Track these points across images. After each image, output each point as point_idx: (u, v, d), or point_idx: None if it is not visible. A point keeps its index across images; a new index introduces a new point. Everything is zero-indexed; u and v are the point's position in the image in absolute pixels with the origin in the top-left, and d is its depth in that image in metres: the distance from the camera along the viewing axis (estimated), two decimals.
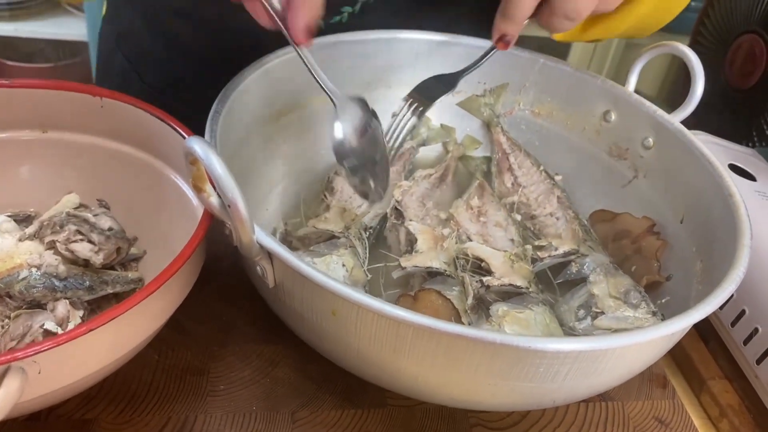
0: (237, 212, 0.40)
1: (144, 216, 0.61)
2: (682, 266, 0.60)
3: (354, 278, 0.56)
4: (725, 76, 1.00)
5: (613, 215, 0.68)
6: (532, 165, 0.73)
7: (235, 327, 0.58)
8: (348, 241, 0.59)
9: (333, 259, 0.55)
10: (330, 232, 0.60)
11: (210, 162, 0.39)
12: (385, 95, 0.73)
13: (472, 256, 0.60)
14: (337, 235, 0.59)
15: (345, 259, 0.56)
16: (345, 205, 0.65)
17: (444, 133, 0.77)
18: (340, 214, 0.63)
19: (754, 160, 0.76)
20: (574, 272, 0.61)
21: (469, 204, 0.68)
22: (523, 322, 0.54)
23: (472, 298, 0.56)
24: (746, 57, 0.96)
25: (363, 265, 0.59)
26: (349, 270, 0.55)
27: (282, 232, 0.61)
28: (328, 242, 0.59)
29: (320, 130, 0.70)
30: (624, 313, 0.56)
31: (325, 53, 0.68)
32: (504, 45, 0.57)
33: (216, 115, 0.53)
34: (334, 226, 0.60)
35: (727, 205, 0.56)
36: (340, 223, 0.61)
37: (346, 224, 0.62)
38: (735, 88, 0.98)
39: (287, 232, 0.61)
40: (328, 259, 0.55)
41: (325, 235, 0.60)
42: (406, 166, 0.73)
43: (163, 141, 0.58)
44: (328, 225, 0.61)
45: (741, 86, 0.97)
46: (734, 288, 0.47)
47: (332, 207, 0.64)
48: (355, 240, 0.60)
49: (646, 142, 0.67)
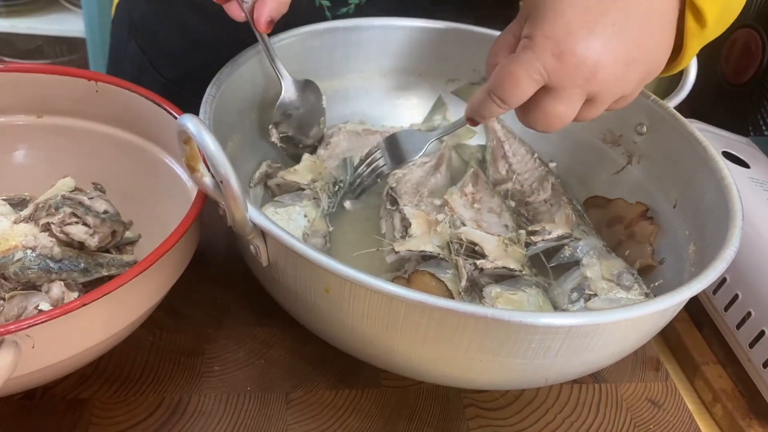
0: (229, 189, 0.40)
1: (139, 200, 0.61)
2: (675, 250, 0.60)
3: (314, 228, 0.58)
4: (721, 71, 1.00)
5: (607, 201, 0.68)
6: (527, 153, 0.73)
7: (229, 310, 0.58)
8: (313, 192, 0.61)
9: (296, 209, 0.58)
10: (297, 184, 0.62)
11: (202, 139, 0.39)
12: (379, 84, 0.74)
13: (466, 240, 0.61)
14: (302, 187, 0.62)
15: (307, 210, 0.59)
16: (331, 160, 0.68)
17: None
18: (310, 167, 0.65)
19: (748, 148, 0.77)
20: (567, 255, 0.61)
21: (464, 191, 0.69)
22: (515, 303, 0.54)
23: (465, 281, 0.56)
24: (742, 52, 0.97)
25: (325, 216, 0.61)
26: (311, 221, 0.58)
27: (262, 173, 0.64)
28: (294, 193, 0.61)
29: None
30: (617, 295, 0.56)
31: (319, 41, 0.68)
32: (473, 123, 0.56)
33: (210, 98, 0.53)
34: (300, 179, 0.63)
35: (720, 188, 0.56)
36: (307, 175, 0.64)
37: (313, 177, 0.64)
38: (731, 83, 0.98)
39: (267, 175, 0.65)
40: (290, 210, 0.58)
41: (294, 186, 0.63)
42: (442, 170, 0.72)
43: (158, 125, 0.58)
44: (295, 177, 0.63)
45: (737, 81, 0.98)
46: (725, 266, 0.47)
47: (303, 159, 0.66)
48: (321, 192, 0.62)
49: (639, 128, 0.68)
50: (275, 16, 0.56)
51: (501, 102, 0.50)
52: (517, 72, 0.48)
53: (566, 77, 0.47)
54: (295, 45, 0.66)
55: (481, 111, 0.53)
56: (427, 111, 0.77)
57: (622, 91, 0.50)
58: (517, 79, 0.48)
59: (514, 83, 0.48)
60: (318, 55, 0.69)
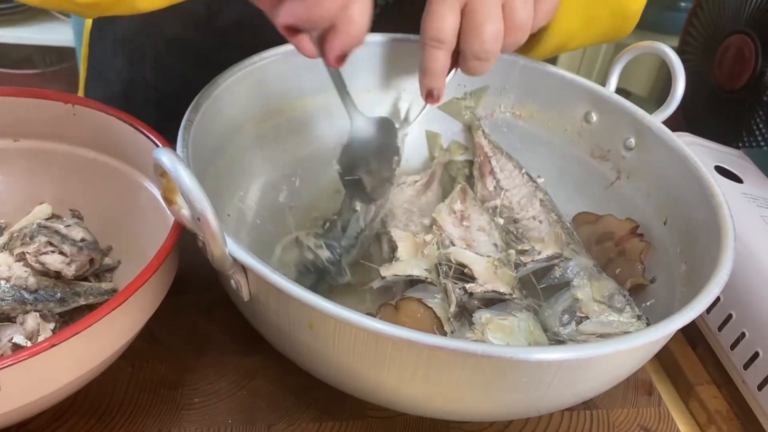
0: (207, 225, 0.38)
1: (118, 225, 0.60)
2: (666, 269, 0.59)
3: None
4: (714, 78, 1.00)
5: (596, 217, 0.67)
6: (514, 168, 0.72)
7: (211, 338, 0.57)
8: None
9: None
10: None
11: (178, 174, 0.37)
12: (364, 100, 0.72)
13: (455, 261, 0.59)
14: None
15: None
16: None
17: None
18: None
19: (741, 162, 0.76)
20: (557, 276, 0.60)
21: (452, 208, 0.67)
22: (506, 329, 0.53)
23: (454, 306, 0.55)
24: (735, 58, 0.96)
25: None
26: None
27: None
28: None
29: (302, 135, 0.69)
30: (608, 318, 0.55)
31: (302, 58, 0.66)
32: (433, 99, 0.58)
33: (188, 124, 0.52)
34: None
35: (710, 206, 0.55)
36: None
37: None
38: (724, 90, 0.98)
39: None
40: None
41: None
42: (433, 187, 0.72)
43: (137, 148, 0.57)
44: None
45: (730, 87, 0.97)
46: (718, 291, 0.46)
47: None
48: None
49: (628, 143, 0.67)
50: (347, 49, 0.48)
51: (437, 42, 0.55)
52: (435, 8, 0.54)
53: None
54: (277, 63, 0.64)
55: (427, 66, 0.56)
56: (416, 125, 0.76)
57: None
58: (438, 13, 0.53)
59: (437, 17, 0.54)
60: (302, 73, 0.67)
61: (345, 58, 0.49)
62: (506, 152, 0.73)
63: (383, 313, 0.52)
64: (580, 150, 0.71)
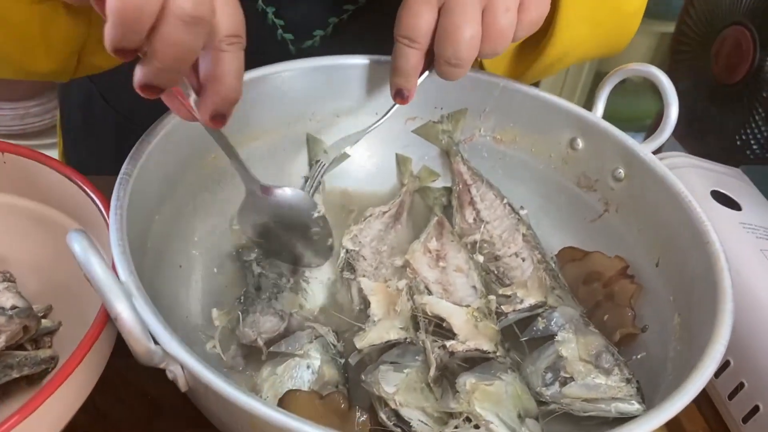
0: (122, 326, 0.33)
1: (58, 282, 0.54)
2: (658, 317, 0.55)
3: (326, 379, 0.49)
4: (711, 71, 0.95)
5: (584, 254, 0.62)
6: (496, 197, 0.67)
7: (162, 408, 0.52)
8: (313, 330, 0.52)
9: (295, 362, 0.49)
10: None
11: (89, 266, 0.32)
12: (334, 123, 0.67)
13: (431, 313, 0.55)
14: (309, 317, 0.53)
15: (311, 358, 0.49)
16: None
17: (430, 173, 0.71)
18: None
19: (739, 184, 0.71)
20: (540, 329, 0.55)
21: (427, 246, 0.62)
22: (493, 396, 0.48)
23: (435, 369, 0.50)
24: (732, 50, 0.91)
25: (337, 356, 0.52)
26: (316, 371, 0.49)
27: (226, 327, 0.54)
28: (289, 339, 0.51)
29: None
30: (595, 380, 0.50)
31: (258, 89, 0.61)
32: (402, 99, 0.57)
33: (125, 178, 0.46)
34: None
35: (706, 254, 0.50)
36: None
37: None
38: (722, 83, 0.93)
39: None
40: (291, 365, 0.49)
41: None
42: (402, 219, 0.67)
43: (72, 198, 0.52)
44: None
45: (727, 81, 0.92)
46: (715, 367, 0.41)
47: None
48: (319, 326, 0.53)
49: (616, 174, 0.62)
50: (221, 109, 0.43)
51: (410, 41, 0.53)
52: (412, 3, 0.52)
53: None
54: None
55: (398, 64, 0.54)
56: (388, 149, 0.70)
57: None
58: (414, 9, 0.52)
59: (413, 14, 0.52)
60: (262, 100, 0.62)
61: (223, 118, 0.43)
62: (486, 180, 0.68)
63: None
64: (565, 178, 0.66)
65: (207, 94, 0.42)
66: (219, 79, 0.42)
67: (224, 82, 0.42)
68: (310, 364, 0.49)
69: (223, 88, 0.42)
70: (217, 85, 0.42)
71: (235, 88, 0.43)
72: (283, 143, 0.66)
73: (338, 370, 0.50)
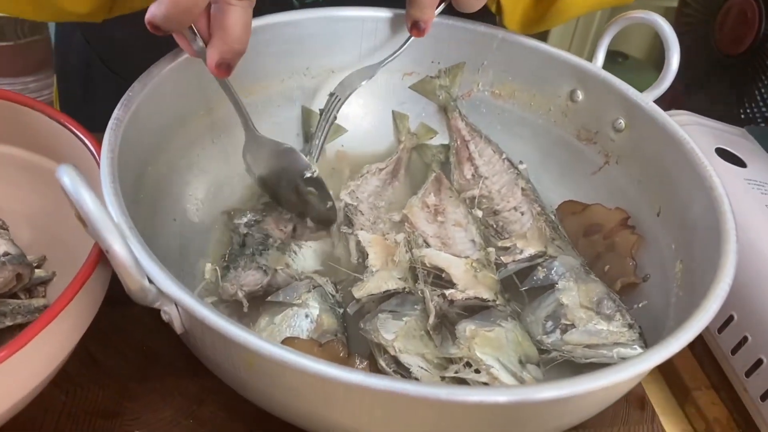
0: (115, 258, 0.32)
1: (52, 233, 0.53)
2: (660, 266, 0.54)
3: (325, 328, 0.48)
4: (715, 41, 0.93)
5: (583, 207, 0.61)
6: (494, 153, 0.66)
7: (157, 357, 0.51)
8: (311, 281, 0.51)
9: (293, 311, 0.48)
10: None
11: (80, 197, 0.32)
12: (329, 81, 0.66)
13: (429, 265, 0.54)
14: (297, 277, 0.52)
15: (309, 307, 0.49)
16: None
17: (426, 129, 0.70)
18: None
19: (743, 142, 0.69)
20: (541, 278, 0.54)
21: (425, 202, 0.62)
22: (494, 342, 0.47)
23: (434, 317, 0.50)
24: (737, 20, 0.89)
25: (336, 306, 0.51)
26: (315, 319, 0.48)
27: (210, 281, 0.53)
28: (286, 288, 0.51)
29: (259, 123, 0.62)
30: (596, 327, 0.49)
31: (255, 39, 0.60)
32: (418, 32, 0.57)
33: (117, 123, 0.45)
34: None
35: (709, 199, 0.49)
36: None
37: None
38: (726, 54, 0.91)
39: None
40: (289, 314, 0.48)
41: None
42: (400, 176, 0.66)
43: (67, 145, 0.50)
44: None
45: (731, 52, 0.91)
46: (717, 307, 0.40)
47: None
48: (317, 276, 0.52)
49: (617, 124, 0.61)
50: (226, 59, 0.45)
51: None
52: None
53: None
54: None
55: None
56: (384, 106, 0.69)
57: None
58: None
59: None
60: (255, 50, 0.60)
61: (228, 67, 0.46)
62: (485, 135, 0.67)
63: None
64: (565, 132, 0.65)
65: (214, 42, 0.45)
66: (226, 29, 0.43)
67: (231, 32, 0.44)
68: (309, 313, 0.49)
69: (230, 38, 0.44)
70: (225, 35, 0.44)
71: (241, 40, 0.44)
72: (277, 99, 0.64)
73: (337, 318, 0.50)
